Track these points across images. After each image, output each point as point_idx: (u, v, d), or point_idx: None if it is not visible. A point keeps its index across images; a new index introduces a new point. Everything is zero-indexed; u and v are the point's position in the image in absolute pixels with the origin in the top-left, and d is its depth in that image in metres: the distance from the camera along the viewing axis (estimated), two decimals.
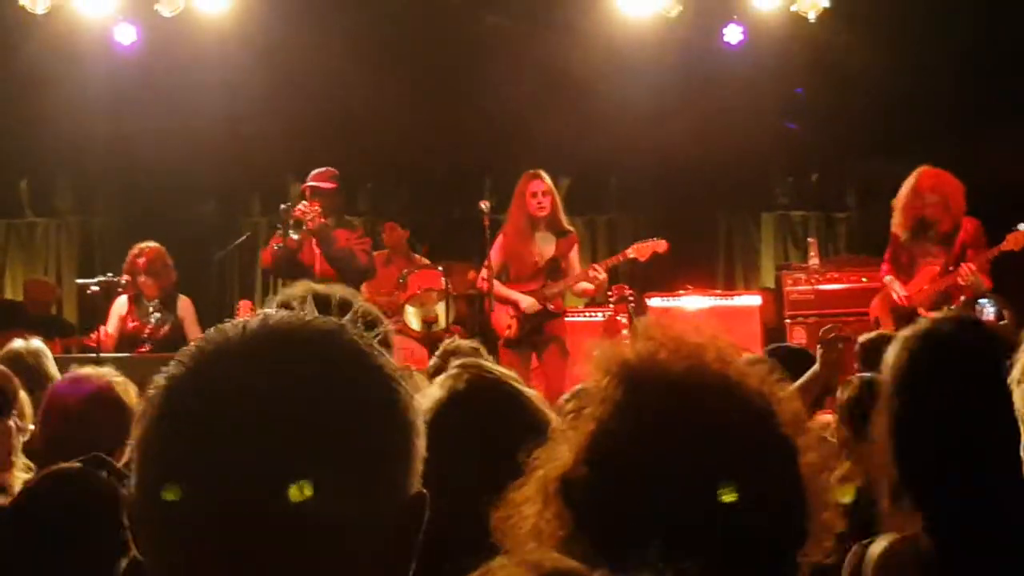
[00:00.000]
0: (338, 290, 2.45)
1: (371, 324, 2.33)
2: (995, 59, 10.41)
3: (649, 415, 1.36)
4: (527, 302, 8.51)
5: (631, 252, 8.93)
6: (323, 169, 8.85)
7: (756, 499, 1.33)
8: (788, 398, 1.40)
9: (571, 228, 8.94)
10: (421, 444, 1.20)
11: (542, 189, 8.59)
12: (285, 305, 2.32)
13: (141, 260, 8.88)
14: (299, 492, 1.09)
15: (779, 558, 1.35)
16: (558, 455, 1.40)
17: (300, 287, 2.47)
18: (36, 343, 5.53)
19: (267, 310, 1.22)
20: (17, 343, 5.45)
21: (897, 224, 8.17)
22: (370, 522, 1.14)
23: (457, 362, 2.45)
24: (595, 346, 1.46)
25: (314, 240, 8.49)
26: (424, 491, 1.20)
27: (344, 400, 1.15)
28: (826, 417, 4.48)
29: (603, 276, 8.66)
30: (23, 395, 3.99)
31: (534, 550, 1.34)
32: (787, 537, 1.35)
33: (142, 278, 8.86)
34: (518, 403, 2.21)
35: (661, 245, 8.87)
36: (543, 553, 1.22)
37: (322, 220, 8.46)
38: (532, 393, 2.26)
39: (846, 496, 1.41)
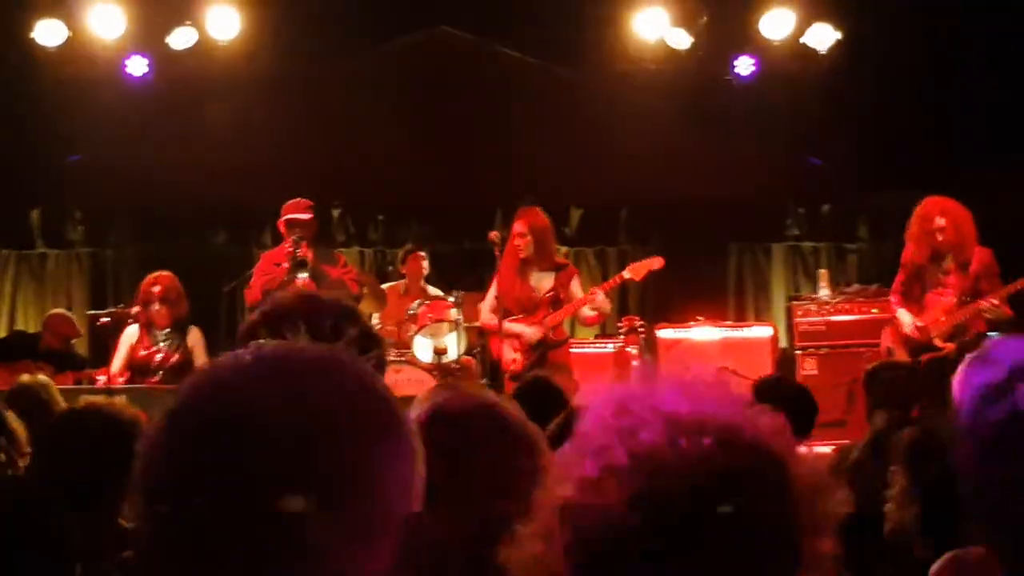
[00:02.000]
0: (334, 300, 2.42)
1: (370, 340, 2.33)
2: (1007, 91, 10.41)
3: (641, 442, 1.38)
4: (530, 332, 8.48)
5: (627, 273, 8.86)
6: (296, 200, 8.85)
7: (747, 524, 1.34)
8: (781, 427, 1.42)
9: (565, 261, 8.93)
10: (420, 466, 1.22)
11: (520, 231, 8.52)
12: (277, 314, 2.31)
13: (156, 288, 8.83)
14: (291, 504, 1.12)
15: None
16: (562, 487, 1.41)
17: (292, 292, 2.44)
18: (42, 377, 5.64)
19: (260, 341, 1.25)
20: (24, 377, 5.55)
21: (911, 253, 8.15)
22: (362, 540, 1.16)
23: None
24: (587, 383, 1.50)
25: (308, 277, 8.53)
26: (419, 512, 1.22)
27: (340, 422, 1.17)
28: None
29: (602, 296, 8.60)
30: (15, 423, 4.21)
31: None
32: (782, 564, 1.36)
33: (156, 307, 8.79)
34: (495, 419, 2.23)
35: (656, 262, 8.81)
36: None
37: (308, 253, 8.53)
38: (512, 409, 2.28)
39: None
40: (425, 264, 10.38)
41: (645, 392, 1.43)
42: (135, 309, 8.92)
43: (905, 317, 8.17)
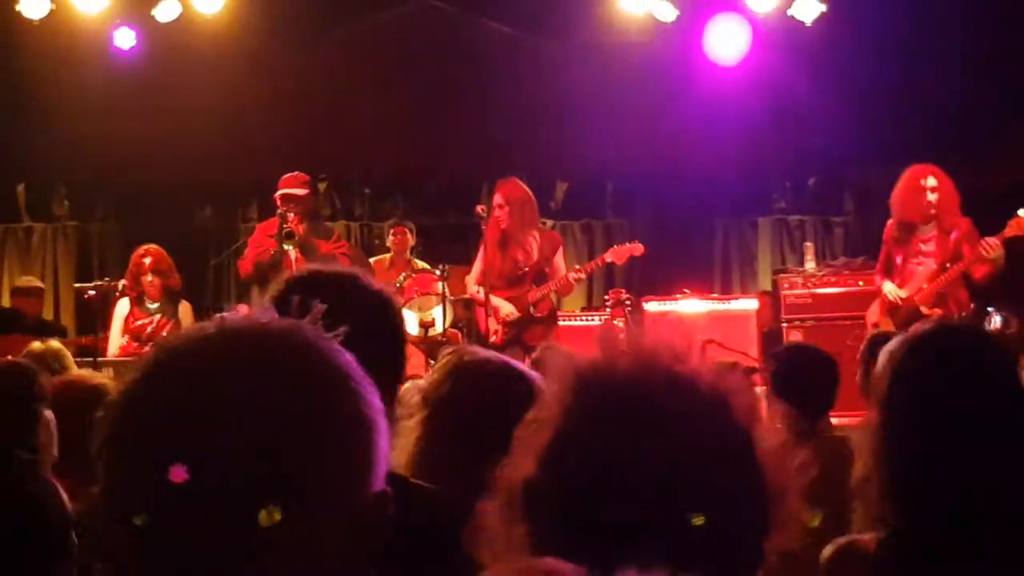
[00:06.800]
0: (344, 272, 2.35)
1: (383, 304, 2.29)
2: (993, 63, 10.42)
3: (601, 417, 1.37)
4: (505, 310, 8.51)
5: (608, 256, 8.92)
6: (293, 174, 8.83)
7: (713, 492, 1.34)
8: (743, 390, 1.41)
9: (551, 234, 8.99)
10: (383, 442, 1.20)
11: (499, 202, 8.56)
12: (286, 294, 2.25)
13: (148, 260, 8.88)
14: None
15: (742, 549, 1.36)
16: (521, 464, 1.41)
17: (304, 272, 2.38)
18: (55, 344, 5.56)
19: (225, 314, 1.22)
20: (36, 345, 5.46)
21: (897, 215, 8.18)
22: (331, 523, 1.14)
23: (448, 350, 2.48)
24: (552, 354, 1.48)
25: (297, 250, 8.52)
26: (387, 488, 1.20)
27: (298, 400, 1.14)
28: None
29: (583, 276, 8.73)
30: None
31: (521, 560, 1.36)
32: (748, 527, 1.36)
33: (148, 277, 8.83)
34: (510, 378, 2.22)
35: (637, 248, 8.86)
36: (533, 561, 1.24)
37: (301, 227, 8.50)
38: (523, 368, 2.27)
39: (814, 521, 1.41)
40: (410, 237, 10.42)
41: (604, 365, 1.43)
42: (122, 283, 8.93)
43: (889, 286, 8.24)
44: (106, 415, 1.16)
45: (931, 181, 7.99)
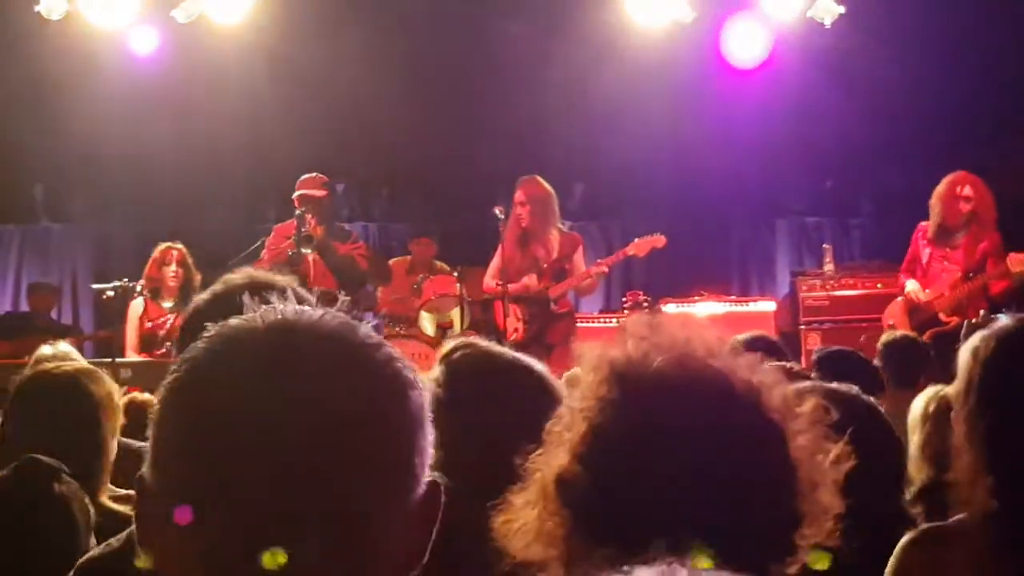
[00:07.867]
0: (280, 279, 2.33)
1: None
2: (1013, 67, 10.38)
3: (637, 412, 1.38)
4: (529, 279, 8.54)
5: (630, 249, 8.93)
6: (312, 175, 8.84)
7: (746, 484, 1.34)
8: (776, 384, 1.41)
9: (571, 233, 9.00)
10: (431, 432, 1.19)
11: (520, 200, 8.60)
12: (230, 293, 2.24)
13: (175, 252, 8.90)
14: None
15: (774, 542, 1.36)
16: (554, 457, 1.41)
17: (240, 275, 2.38)
18: (64, 346, 5.51)
19: (278, 307, 1.17)
20: (45, 349, 5.41)
21: (932, 219, 8.19)
22: (391, 516, 1.13)
23: (452, 342, 2.46)
24: (584, 347, 1.47)
25: (314, 252, 8.53)
26: (437, 480, 1.19)
27: (367, 401, 1.13)
28: None
29: (606, 269, 8.76)
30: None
31: None
32: (781, 521, 1.36)
33: (172, 268, 8.84)
34: (520, 373, 2.21)
35: (660, 240, 8.87)
36: None
37: (320, 230, 8.51)
38: (533, 362, 2.26)
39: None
40: (434, 248, 10.39)
41: (638, 359, 1.42)
42: (140, 283, 8.94)
43: (913, 285, 8.28)
44: (155, 420, 1.15)
45: (967, 190, 8.05)
